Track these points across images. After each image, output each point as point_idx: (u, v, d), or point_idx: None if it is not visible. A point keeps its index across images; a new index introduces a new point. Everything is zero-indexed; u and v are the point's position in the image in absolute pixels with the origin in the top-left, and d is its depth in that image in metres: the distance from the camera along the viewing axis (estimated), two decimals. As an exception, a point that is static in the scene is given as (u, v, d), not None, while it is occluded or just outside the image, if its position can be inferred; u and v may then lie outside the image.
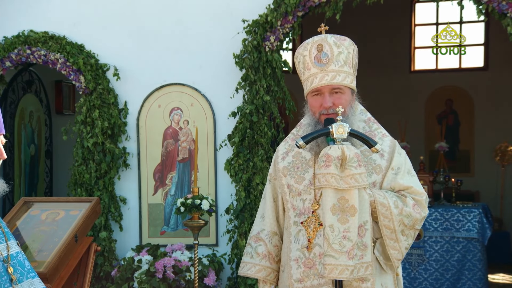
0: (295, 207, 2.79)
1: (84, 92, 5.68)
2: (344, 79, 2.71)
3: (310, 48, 2.75)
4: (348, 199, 2.48)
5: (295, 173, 2.82)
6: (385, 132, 2.86)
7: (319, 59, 2.72)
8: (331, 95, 2.71)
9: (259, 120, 5.40)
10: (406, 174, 2.77)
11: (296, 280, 2.71)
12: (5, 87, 6.28)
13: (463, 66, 10.26)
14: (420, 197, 2.73)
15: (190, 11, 5.70)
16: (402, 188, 2.73)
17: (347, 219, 2.46)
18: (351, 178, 2.48)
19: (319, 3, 5.28)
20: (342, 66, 2.71)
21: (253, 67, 5.39)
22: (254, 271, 2.90)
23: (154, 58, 5.74)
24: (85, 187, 5.68)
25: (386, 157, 2.76)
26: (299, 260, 2.72)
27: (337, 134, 2.50)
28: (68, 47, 5.68)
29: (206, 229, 5.51)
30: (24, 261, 2.25)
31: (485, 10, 5.12)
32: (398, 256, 2.70)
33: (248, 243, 2.97)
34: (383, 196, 2.66)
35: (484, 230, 6.43)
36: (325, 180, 2.49)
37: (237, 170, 5.45)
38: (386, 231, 2.66)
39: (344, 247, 2.45)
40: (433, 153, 8.96)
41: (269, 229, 2.93)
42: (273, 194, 2.95)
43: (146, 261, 5.28)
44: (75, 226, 3.91)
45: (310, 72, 2.75)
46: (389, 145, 2.80)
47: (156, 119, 5.70)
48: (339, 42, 2.73)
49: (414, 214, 2.68)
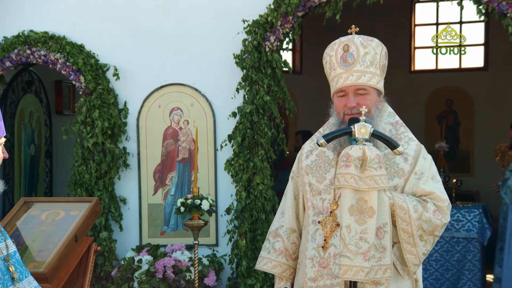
0: (315, 206, 2.79)
1: (84, 92, 5.68)
2: (369, 80, 2.70)
3: (336, 49, 2.75)
4: (366, 200, 2.46)
5: (317, 172, 2.82)
6: (412, 136, 2.83)
7: (344, 59, 2.72)
8: (356, 96, 2.70)
9: (259, 120, 5.40)
10: (429, 179, 2.73)
11: (310, 278, 2.72)
12: (5, 87, 6.28)
13: (463, 66, 10.26)
14: (442, 203, 2.70)
15: (190, 11, 5.70)
16: (424, 193, 2.71)
17: (364, 220, 2.45)
18: (371, 179, 2.47)
19: (319, 3, 5.28)
20: (368, 67, 2.70)
21: (253, 67, 5.39)
22: (270, 266, 2.91)
23: (154, 58, 5.74)
24: (85, 187, 5.68)
25: (410, 161, 2.73)
26: (314, 259, 2.72)
27: (359, 134, 2.48)
28: (68, 47, 5.68)
29: (206, 229, 5.51)
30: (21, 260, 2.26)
31: (485, 10, 5.12)
32: (415, 261, 2.67)
33: (267, 238, 2.98)
34: (403, 200, 2.64)
35: (484, 230, 6.43)
36: (344, 180, 2.48)
37: (237, 170, 5.45)
38: (404, 235, 2.64)
39: (360, 248, 2.43)
40: (433, 153, 8.81)
41: (288, 226, 2.93)
42: (295, 191, 2.95)
43: (146, 261, 5.28)
44: (75, 226, 3.91)
45: (336, 72, 2.74)
46: (415, 149, 2.77)
47: (156, 119, 5.70)
48: (366, 43, 2.72)
49: (434, 220, 2.65)
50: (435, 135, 9.62)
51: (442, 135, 8.79)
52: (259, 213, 5.38)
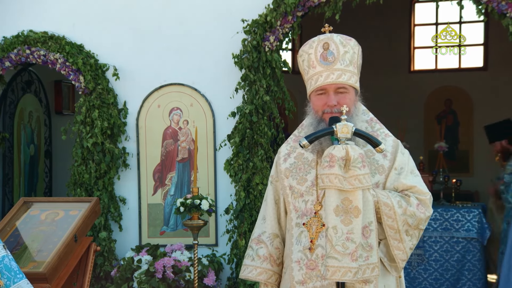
0: (297, 208, 2.75)
1: (84, 92, 5.68)
2: (349, 79, 2.69)
3: (315, 46, 2.73)
4: (352, 200, 2.45)
5: (297, 174, 2.79)
6: (387, 132, 2.84)
7: (325, 58, 2.70)
8: (336, 94, 2.68)
9: (259, 120, 5.40)
10: (409, 173, 2.74)
11: (298, 282, 2.68)
12: (5, 87, 6.28)
13: (462, 66, 10.25)
14: (424, 196, 2.70)
15: (189, 11, 5.70)
16: (406, 187, 2.70)
17: (350, 220, 2.43)
18: (355, 179, 2.45)
19: (318, 3, 5.28)
20: (348, 66, 2.69)
21: (252, 67, 5.39)
22: (255, 273, 2.86)
23: (154, 58, 5.74)
24: (85, 187, 5.68)
25: (389, 157, 2.73)
26: (301, 261, 2.68)
27: (341, 134, 2.46)
28: (68, 47, 5.68)
29: (206, 229, 5.51)
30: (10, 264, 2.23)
31: (485, 10, 5.12)
32: (402, 257, 2.67)
33: (249, 245, 2.94)
34: (387, 196, 2.63)
35: (484, 230, 6.43)
36: (328, 180, 2.45)
37: (236, 170, 5.45)
38: (390, 232, 2.63)
39: (348, 249, 2.41)
40: (433, 153, 8.94)
41: (270, 231, 2.89)
42: (275, 196, 2.92)
43: (146, 261, 5.28)
44: (74, 226, 3.91)
45: (315, 70, 2.72)
46: (392, 145, 2.77)
47: (156, 119, 5.70)
48: (345, 42, 2.71)
49: (418, 213, 2.65)
50: (434, 135, 9.61)
51: (441, 135, 8.77)
52: (258, 213, 5.37)
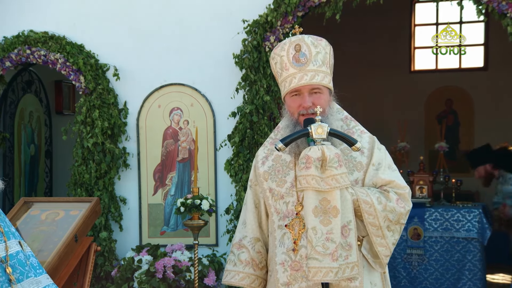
0: (279, 210, 2.75)
1: (84, 92, 5.68)
2: (323, 79, 2.69)
3: (287, 48, 2.73)
4: (330, 200, 2.45)
5: (276, 176, 2.78)
6: (363, 129, 2.84)
7: (297, 59, 2.70)
8: (310, 95, 2.69)
9: (259, 120, 5.40)
10: (387, 169, 2.74)
11: (283, 283, 2.67)
12: (5, 87, 6.28)
13: (463, 66, 10.25)
14: (403, 190, 2.70)
15: (190, 11, 5.70)
16: (384, 183, 2.71)
17: (329, 220, 2.44)
18: (332, 179, 2.46)
19: (319, 3, 5.28)
20: (320, 66, 2.69)
21: (253, 67, 5.39)
22: (238, 279, 2.85)
23: (154, 58, 5.74)
24: (85, 187, 5.68)
25: (366, 153, 2.74)
26: (285, 263, 2.67)
27: (316, 135, 2.48)
28: (68, 47, 5.68)
29: (206, 229, 5.51)
30: (25, 260, 2.25)
31: (485, 10, 5.12)
32: (386, 253, 2.67)
33: (231, 250, 2.93)
34: (366, 194, 2.63)
35: (484, 230, 6.43)
36: (306, 182, 2.46)
37: (237, 170, 5.45)
38: (372, 229, 2.63)
39: (328, 249, 2.42)
40: (433, 153, 8.94)
41: (251, 236, 2.89)
42: (255, 200, 2.92)
43: (146, 261, 5.28)
44: (75, 226, 3.91)
45: (288, 72, 2.72)
46: (368, 141, 2.78)
47: (156, 119, 5.70)
48: (316, 42, 2.72)
49: (398, 208, 2.65)
50: (435, 135, 9.61)
51: (442, 135, 8.76)
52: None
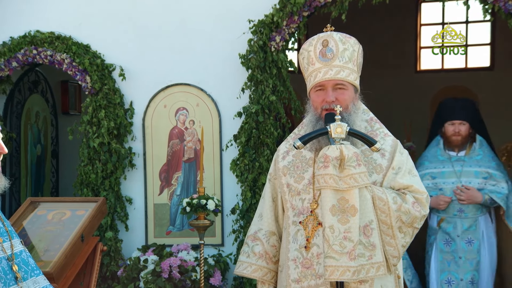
0: (294, 206, 2.76)
1: (90, 92, 5.70)
2: (348, 76, 2.70)
3: (315, 44, 2.75)
4: (348, 199, 2.45)
5: (295, 172, 2.80)
6: (387, 132, 2.84)
7: (324, 54, 2.71)
8: (334, 91, 2.70)
9: (265, 120, 5.40)
10: (407, 173, 2.74)
11: (294, 280, 2.69)
12: (12, 87, 6.30)
13: (469, 66, 10.22)
14: (421, 195, 2.70)
15: (195, 11, 5.70)
16: (403, 187, 2.71)
17: (347, 219, 2.44)
18: (350, 178, 2.46)
19: (324, 3, 5.28)
20: (347, 63, 2.70)
21: (258, 67, 5.39)
22: (250, 270, 2.88)
23: (160, 58, 5.74)
24: (91, 187, 5.69)
25: (387, 156, 2.74)
26: (297, 260, 2.69)
27: (335, 134, 2.48)
28: (74, 48, 5.70)
29: (212, 229, 5.51)
30: (28, 259, 2.27)
31: (491, 9, 5.11)
32: (393, 253, 2.66)
33: (245, 242, 2.95)
34: (382, 191, 2.64)
35: (490, 230, 6.39)
36: (324, 181, 2.46)
37: (242, 170, 5.45)
38: (383, 227, 2.63)
39: (345, 248, 2.42)
40: (439, 153, 8.90)
41: (267, 229, 2.91)
42: (273, 193, 2.94)
43: (152, 261, 5.29)
44: (81, 226, 3.92)
45: (314, 66, 2.73)
46: (391, 144, 2.78)
47: (162, 119, 5.71)
48: (344, 39, 2.73)
49: (413, 211, 2.65)
50: (441, 135, 9.57)
51: (448, 135, 8.73)
52: (264, 213, 5.37)
